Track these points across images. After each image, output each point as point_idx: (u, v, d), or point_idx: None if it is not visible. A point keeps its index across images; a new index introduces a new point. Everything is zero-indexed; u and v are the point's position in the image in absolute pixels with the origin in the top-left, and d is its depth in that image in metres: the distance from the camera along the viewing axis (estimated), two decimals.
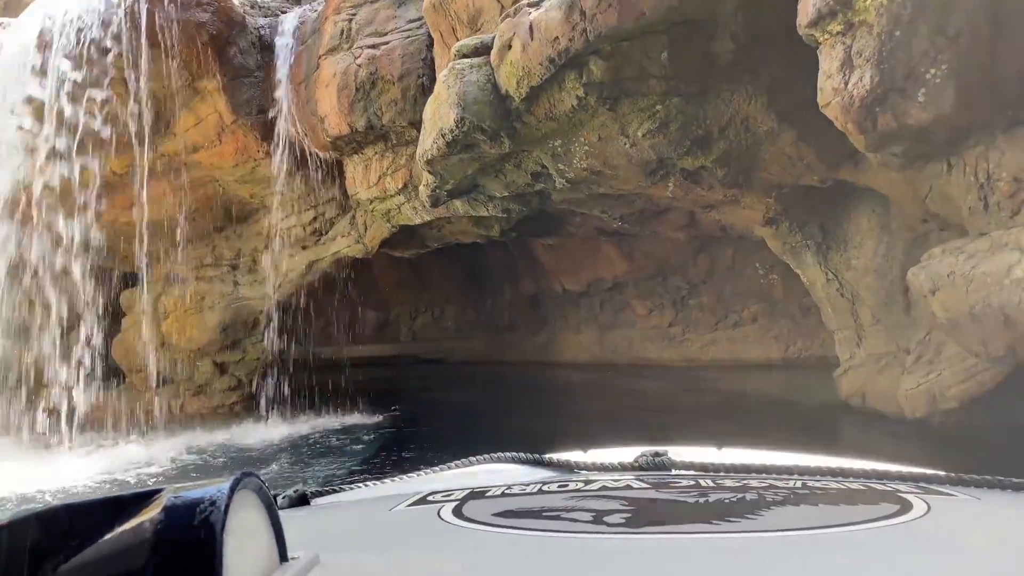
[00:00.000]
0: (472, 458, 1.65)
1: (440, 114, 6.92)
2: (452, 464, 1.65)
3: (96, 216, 11.36)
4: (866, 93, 5.15)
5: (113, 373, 12.46)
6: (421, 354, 18.02)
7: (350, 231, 10.91)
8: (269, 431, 9.70)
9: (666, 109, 6.76)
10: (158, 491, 0.73)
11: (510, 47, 6.43)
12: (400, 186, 9.27)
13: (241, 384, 11.76)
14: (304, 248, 11.38)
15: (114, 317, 12.44)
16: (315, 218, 11.08)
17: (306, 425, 10.06)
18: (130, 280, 12.63)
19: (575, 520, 1.04)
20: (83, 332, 9.87)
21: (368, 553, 0.99)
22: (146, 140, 9.52)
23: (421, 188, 8.40)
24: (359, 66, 8.72)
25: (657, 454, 1.48)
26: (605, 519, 1.03)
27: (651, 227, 10.43)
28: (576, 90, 6.45)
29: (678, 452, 1.52)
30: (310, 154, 9.92)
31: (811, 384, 11.76)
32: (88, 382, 9.83)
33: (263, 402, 10.81)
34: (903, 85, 5.12)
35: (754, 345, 13.92)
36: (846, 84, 5.25)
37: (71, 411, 9.20)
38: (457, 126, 6.77)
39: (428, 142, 7.23)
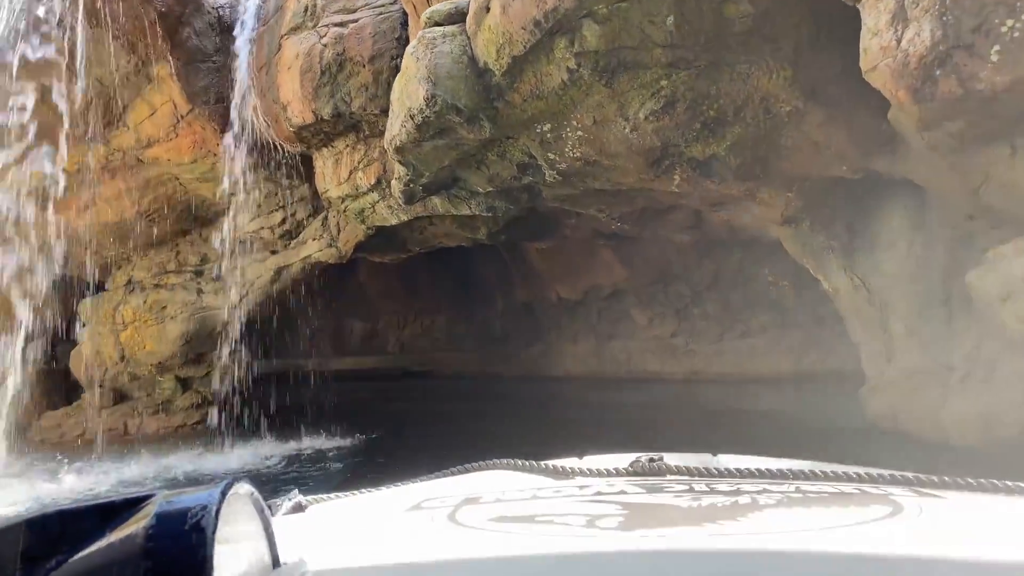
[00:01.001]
0: (466, 465, 1.66)
1: (408, 92, 5.87)
2: (447, 471, 1.66)
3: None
4: (925, 51, 4.10)
5: (73, 389, 11.43)
6: (410, 366, 16.98)
7: (322, 234, 9.87)
8: (224, 457, 8.60)
9: (672, 85, 5.71)
10: (149, 496, 0.73)
11: (488, 9, 5.39)
12: (373, 182, 8.22)
13: (205, 402, 10.68)
14: (273, 253, 10.33)
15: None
16: (284, 220, 10.04)
17: (269, 450, 8.97)
18: (96, 288, 11.62)
19: (568, 524, 1.04)
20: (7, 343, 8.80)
21: (362, 559, 0.98)
22: (67, 134, 8.46)
23: (394, 182, 7.36)
24: (325, 46, 7.69)
25: (652, 460, 1.48)
26: (598, 523, 1.03)
27: (653, 229, 9.38)
28: (567, 61, 5.40)
29: (673, 458, 1.51)
30: (275, 148, 8.88)
31: (829, 401, 10.69)
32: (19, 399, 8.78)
33: (223, 424, 9.71)
34: (971, 40, 4.07)
35: (763, 357, 12.87)
36: (898, 41, 4.21)
37: None
38: (428, 105, 5.72)
39: (396, 126, 6.18)
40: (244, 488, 0.77)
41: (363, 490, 1.63)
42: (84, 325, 11.40)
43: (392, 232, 9.87)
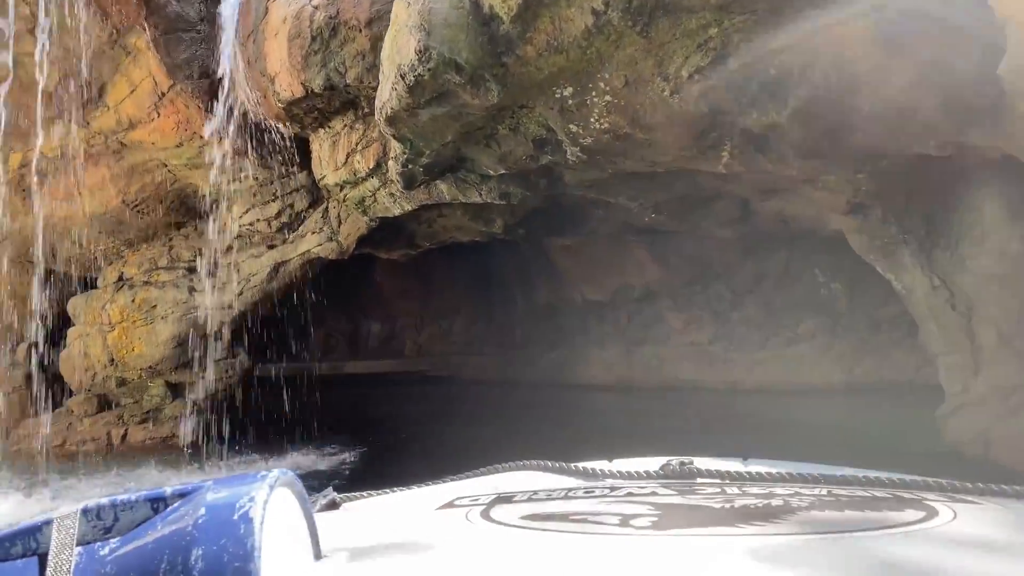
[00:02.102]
0: (497, 465, 1.68)
1: (398, 45, 4.80)
2: (479, 471, 1.67)
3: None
4: None
5: (71, 394, 10.55)
6: (428, 371, 15.98)
7: (322, 226, 8.85)
8: (190, 477, 7.59)
9: (723, 35, 4.57)
10: (199, 487, 0.75)
11: None
12: (372, 165, 7.17)
13: (197, 410, 9.72)
14: (270, 247, 9.35)
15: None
16: (281, 211, 9.03)
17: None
18: (89, 283, 10.77)
19: (602, 523, 1.04)
20: None
21: (398, 552, 1.00)
22: (41, 114, 7.54)
23: (391, 163, 6.30)
24: (316, 8, 6.65)
25: (682, 463, 1.49)
26: (632, 522, 1.02)
27: (693, 221, 8.21)
28: (591, 0, 4.29)
29: (703, 462, 1.51)
30: (267, 129, 7.87)
31: (889, 417, 9.45)
32: None
33: (200, 436, 8.73)
34: None
35: (811, 366, 11.64)
36: None
37: None
38: (420, 60, 4.63)
39: (386, 90, 5.11)
40: (289, 481, 0.79)
41: (396, 488, 1.63)
42: (74, 325, 10.56)
43: (398, 224, 8.83)
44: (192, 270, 9.80)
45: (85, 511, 0.74)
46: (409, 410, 12.50)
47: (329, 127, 7.62)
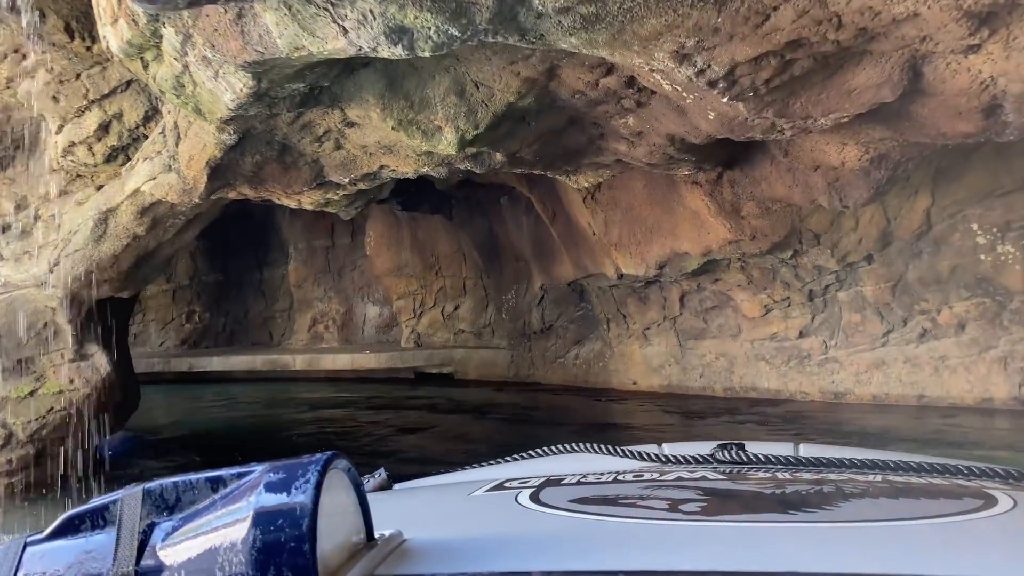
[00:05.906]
0: (547, 447, 1.66)
1: None
2: (528, 453, 1.67)
3: None
4: None
5: None
6: (425, 367, 12.37)
7: (160, 149, 5.20)
8: None
9: None
10: (256, 468, 0.75)
11: None
12: None
13: (13, 441, 6.24)
14: (100, 188, 5.76)
15: None
16: (104, 125, 5.42)
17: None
18: None
19: (651, 507, 1.02)
20: None
21: (449, 533, 0.99)
22: None
23: None
24: None
25: (733, 448, 1.46)
26: (681, 507, 1.01)
27: (799, 113, 4.23)
28: None
29: (754, 447, 1.49)
30: None
31: None
32: None
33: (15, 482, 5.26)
34: None
35: (959, 373, 7.59)
36: None
37: None
38: None
39: None
40: (342, 463, 0.79)
41: (444, 471, 1.65)
42: None
43: (285, 146, 5.09)
44: (3, 229, 6.32)
45: (148, 491, 0.75)
46: (387, 427, 8.86)
47: None
